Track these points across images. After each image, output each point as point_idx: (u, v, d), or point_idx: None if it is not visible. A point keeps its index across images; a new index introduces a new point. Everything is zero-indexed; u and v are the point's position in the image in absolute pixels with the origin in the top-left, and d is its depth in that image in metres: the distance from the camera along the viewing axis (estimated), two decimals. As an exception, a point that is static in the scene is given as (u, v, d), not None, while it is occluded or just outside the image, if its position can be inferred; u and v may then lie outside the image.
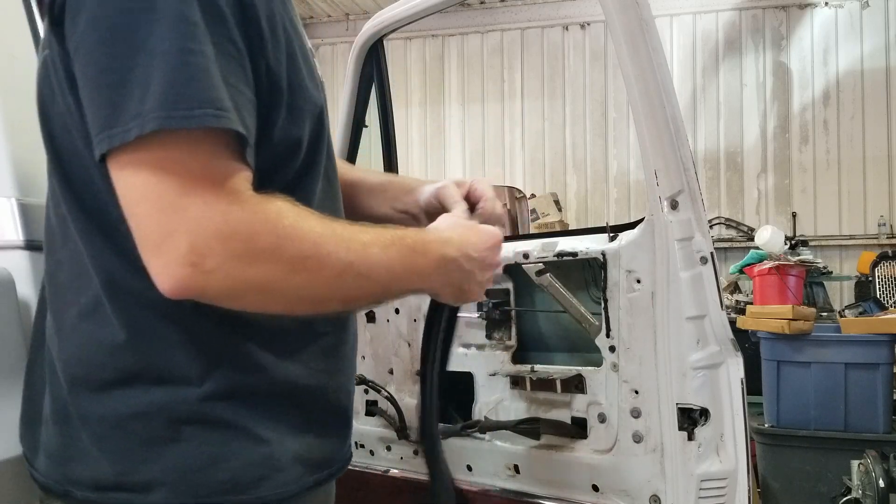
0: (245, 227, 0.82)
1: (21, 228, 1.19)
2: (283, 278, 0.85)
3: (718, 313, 1.66)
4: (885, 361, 3.54)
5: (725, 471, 1.66)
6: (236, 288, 0.84)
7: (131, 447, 0.92)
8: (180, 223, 0.80)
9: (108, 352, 0.92)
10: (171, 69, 0.79)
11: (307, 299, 0.90)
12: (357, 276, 0.91)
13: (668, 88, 1.63)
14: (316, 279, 0.88)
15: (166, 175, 0.80)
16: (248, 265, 0.83)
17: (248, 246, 0.82)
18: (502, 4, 7.80)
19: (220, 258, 0.81)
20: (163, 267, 0.81)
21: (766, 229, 5.42)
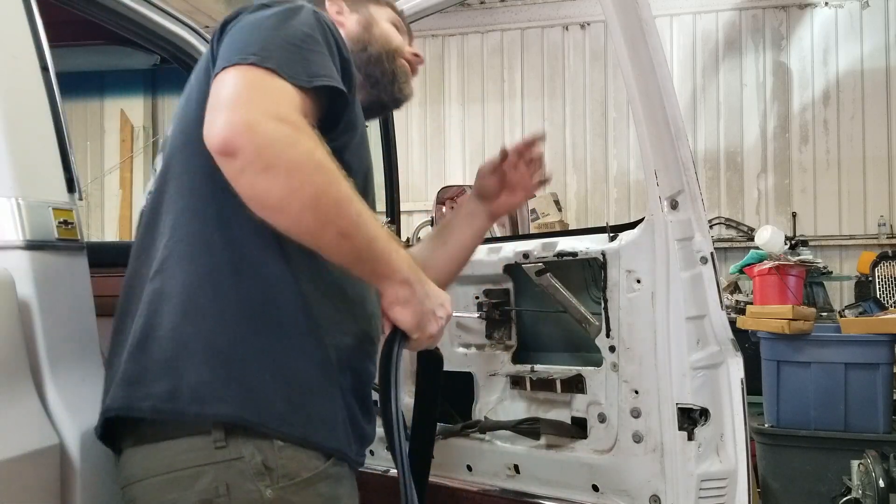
0: (297, 129, 1.02)
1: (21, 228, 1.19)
2: (309, 170, 1.02)
3: (718, 313, 1.66)
4: (885, 361, 3.54)
5: (725, 471, 1.66)
6: (272, 157, 1.00)
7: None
8: (250, 100, 1.02)
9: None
10: (289, 45, 1.10)
11: (318, 204, 1.03)
12: (359, 213, 1.06)
13: (668, 88, 1.63)
14: (331, 188, 1.03)
15: (264, 84, 1.05)
16: (288, 147, 1.01)
17: (294, 137, 1.02)
18: (502, 4, 7.80)
19: (270, 131, 1.00)
20: (226, 116, 1.01)
21: (766, 229, 5.42)
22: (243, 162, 0.99)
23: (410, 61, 1.58)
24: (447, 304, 1.21)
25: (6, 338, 1.12)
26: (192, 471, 1.08)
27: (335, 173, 1.04)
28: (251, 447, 1.08)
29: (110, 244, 4.58)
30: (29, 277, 1.18)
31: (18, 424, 1.11)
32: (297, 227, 1.05)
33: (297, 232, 1.06)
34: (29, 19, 1.32)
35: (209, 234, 1.13)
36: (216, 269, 1.12)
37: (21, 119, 1.25)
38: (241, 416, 1.08)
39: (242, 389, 1.09)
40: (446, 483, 2.09)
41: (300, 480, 1.10)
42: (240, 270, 1.12)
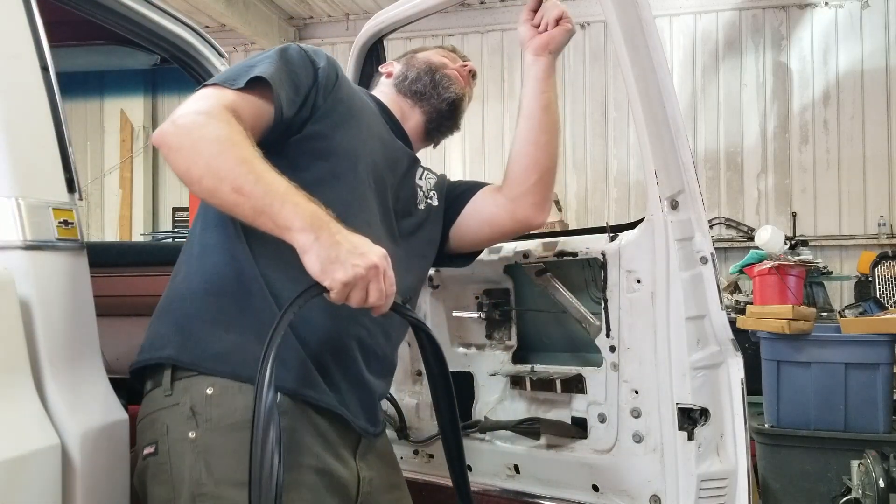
0: (210, 116, 1.26)
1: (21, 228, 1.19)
2: (203, 147, 1.23)
3: (718, 313, 1.66)
4: (885, 361, 3.53)
5: (725, 471, 1.66)
6: (178, 142, 1.24)
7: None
8: (190, 105, 1.29)
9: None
10: (243, 66, 1.39)
11: (211, 170, 1.21)
12: (250, 171, 1.21)
13: (668, 88, 1.63)
14: (222, 156, 1.22)
15: (204, 94, 1.33)
16: (191, 131, 1.25)
17: (197, 120, 1.26)
18: (502, 4, 7.80)
19: (182, 123, 1.26)
20: (166, 120, 1.28)
21: (766, 229, 5.42)
22: (165, 149, 1.25)
23: (457, 70, 1.83)
24: (371, 254, 1.21)
25: (6, 338, 1.12)
26: (153, 415, 1.32)
27: (233, 141, 1.23)
28: (187, 395, 1.30)
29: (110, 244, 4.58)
30: (29, 277, 1.18)
31: (18, 424, 1.11)
32: (201, 191, 1.24)
33: (205, 196, 1.25)
34: (29, 19, 1.32)
35: (194, 231, 1.45)
36: (189, 254, 1.42)
37: (21, 119, 1.25)
38: (178, 357, 1.32)
39: (184, 336, 1.33)
40: (446, 483, 2.09)
41: (223, 426, 1.27)
42: (204, 254, 1.39)
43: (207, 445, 1.26)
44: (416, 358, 2.15)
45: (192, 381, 1.30)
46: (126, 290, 2.15)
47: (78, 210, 1.31)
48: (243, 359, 1.28)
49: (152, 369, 1.36)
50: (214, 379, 1.30)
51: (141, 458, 1.31)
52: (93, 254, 1.34)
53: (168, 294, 1.42)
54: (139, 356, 1.38)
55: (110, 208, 8.38)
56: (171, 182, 8.51)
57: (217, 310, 1.34)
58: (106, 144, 8.48)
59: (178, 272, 1.43)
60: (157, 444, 1.29)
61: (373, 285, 1.21)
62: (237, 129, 1.26)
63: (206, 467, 1.25)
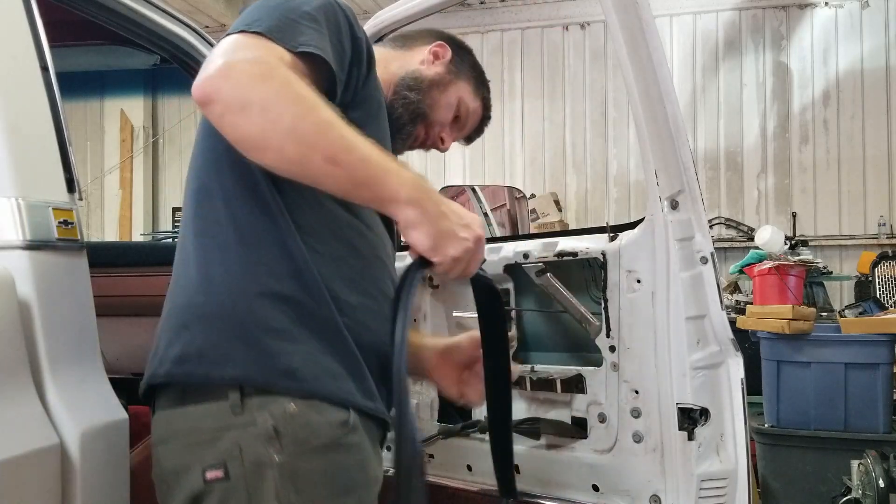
0: (273, 66, 1.05)
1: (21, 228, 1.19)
2: (283, 104, 1.03)
3: (718, 313, 1.66)
4: (885, 361, 3.54)
5: (725, 471, 1.66)
6: (244, 97, 1.03)
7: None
8: (231, 52, 1.06)
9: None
10: (285, 18, 1.13)
11: (296, 134, 1.04)
12: (342, 137, 1.05)
13: (668, 88, 1.63)
14: (307, 118, 1.04)
15: (250, 42, 1.08)
16: (260, 83, 1.03)
17: (267, 73, 1.04)
18: (502, 4, 7.80)
19: (242, 73, 1.04)
20: (204, 69, 1.04)
21: (766, 229, 5.42)
22: (222, 106, 1.04)
23: (431, 138, 1.56)
24: (474, 224, 1.15)
25: (6, 338, 1.12)
26: (212, 433, 1.12)
27: (314, 101, 1.05)
28: (265, 413, 1.11)
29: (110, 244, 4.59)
30: (29, 277, 1.18)
31: (18, 424, 1.11)
32: (282, 160, 1.06)
33: (285, 166, 1.08)
34: (29, 19, 1.32)
35: (217, 212, 1.18)
36: (222, 242, 1.17)
37: (21, 119, 1.25)
38: (250, 376, 1.12)
39: (250, 349, 1.13)
40: (446, 483, 2.09)
41: (309, 448, 1.12)
42: (246, 244, 1.16)
43: (296, 469, 1.11)
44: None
45: (267, 399, 1.12)
46: (126, 290, 2.15)
47: (78, 210, 1.31)
48: (316, 374, 1.14)
49: (202, 382, 1.15)
50: (291, 397, 1.13)
51: (201, 480, 1.11)
52: (93, 254, 1.34)
53: (203, 291, 1.17)
54: (181, 367, 1.15)
55: (110, 208, 8.38)
56: (171, 182, 8.51)
57: (280, 317, 1.15)
58: (106, 144, 8.48)
59: (209, 262, 1.17)
60: (227, 466, 1.11)
61: (476, 257, 1.16)
62: (306, 86, 1.06)
63: (296, 492, 1.11)
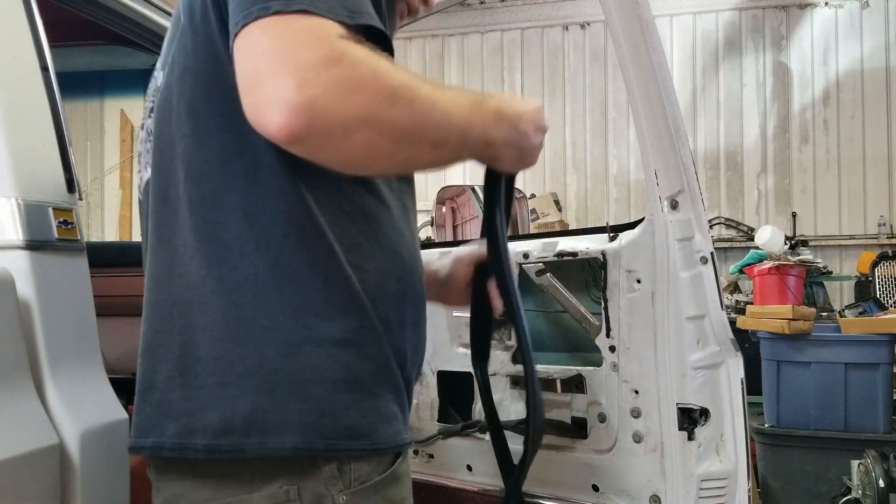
0: (349, 57, 0.84)
1: (21, 228, 1.19)
2: (385, 108, 0.86)
3: (718, 313, 1.66)
4: (885, 361, 3.54)
5: (725, 471, 1.66)
6: (344, 117, 0.83)
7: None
8: (289, 59, 0.82)
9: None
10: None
11: (406, 133, 0.89)
12: (444, 113, 0.93)
13: (668, 88, 1.63)
14: (411, 109, 0.88)
15: (296, 31, 0.84)
16: (354, 92, 0.83)
17: (352, 73, 0.83)
18: (502, 4, 7.80)
19: (326, 84, 0.81)
20: (270, 97, 0.81)
21: (766, 229, 5.43)
22: (317, 141, 0.85)
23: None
24: (540, 120, 1.11)
25: (6, 338, 1.12)
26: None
27: (409, 86, 0.89)
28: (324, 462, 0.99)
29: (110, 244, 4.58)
30: (29, 277, 1.18)
31: (18, 424, 1.11)
32: (393, 166, 0.98)
33: (396, 169, 1.02)
34: (29, 19, 1.32)
35: (231, 231, 0.97)
36: (253, 277, 0.97)
37: (21, 119, 1.25)
38: (308, 444, 0.96)
39: (304, 411, 0.96)
40: (446, 483, 2.09)
41: (370, 484, 1.00)
42: (282, 275, 0.97)
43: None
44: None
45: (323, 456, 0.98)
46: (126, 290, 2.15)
47: (78, 210, 1.31)
48: (372, 426, 1.01)
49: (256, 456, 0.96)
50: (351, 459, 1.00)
51: None
52: (93, 254, 1.34)
53: (235, 339, 0.96)
54: (215, 438, 0.95)
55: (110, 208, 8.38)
56: (171, 182, 8.50)
57: (333, 366, 0.98)
58: (106, 144, 8.48)
59: (237, 303, 0.97)
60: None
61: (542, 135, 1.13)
62: (382, 59, 0.88)
63: None
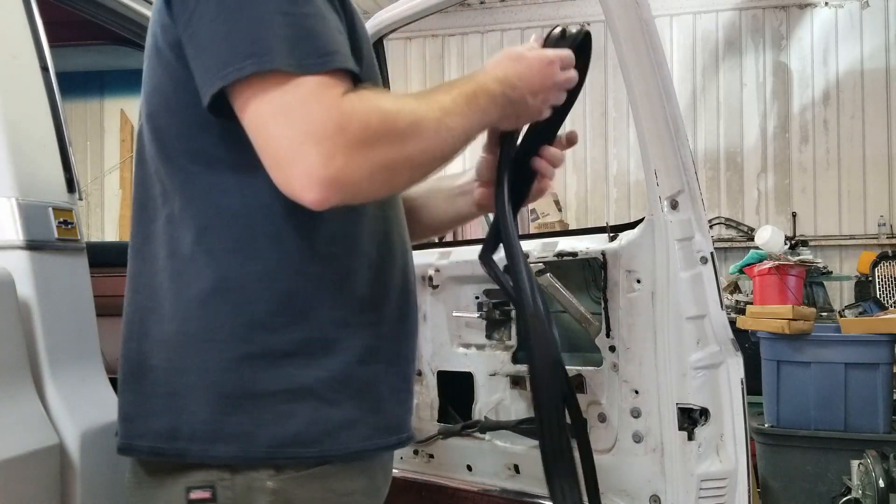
0: (358, 116, 0.94)
1: (21, 228, 1.19)
2: (400, 149, 0.98)
3: (718, 313, 1.66)
4: (885, 361, 3.54)
5: (725, 471, 1.66)
6: (366, 173, 0.95)
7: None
8: (307, 135, 0.91)
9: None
10: (287, 25, 0.94)
11: (421, 161, 1.03)
12: (448, 129, 1.04)
13: (668, 88, 1.63)
14: (422, 140, 1.01)
15: (291, 95, 0.92)
16: (370, 148, 0.94)
17: (364, 132, 0.94)
18: (502, 4, 7.80)
19: (345, 151, 0.92)
20: (300, 174, 0.91)
21: (766, 229, 5.43)
22: (349, 199, 0.98)
23: None
24: (536, 78, 1.18)
25: (6, 338, 1.12)
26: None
27: (412, 118, 0.99)
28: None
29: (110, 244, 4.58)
30: (29, 277, 1.18)
31: (18, 424, 1.11)
32: (410, 185, 1.11)
33: (409, 186, 1.12)
34: (29, 19, 1.32)
35: (191, 249, 1.02)
36: (201, 291, 1.01)
37: (21, 119, 1.25)
38: (247, 454, 1.00)
39: (245, 423, 1.00)
40: (446, 483, 2.10)
41: (306, 473, 1.01)
42: (227, 289, 1.01)
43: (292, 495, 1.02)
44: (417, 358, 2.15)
45: (259, 474, 1.01)
46: (126, 290, 2.15)
47: (78, 210, 1.31)
48: (323, 435, 1.03)
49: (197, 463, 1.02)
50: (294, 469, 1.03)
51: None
52: (93, 254, 1.34)
53: (180, 352, 1.02)
54: (160, 441, 1.02)
55: (110, 208, 8.37)
56: (171, 182, 8.50)
57: (278, 378, 1.03)
58: (106, 144, 8.48)
59: (185, 316, 1.02)
60: (215, 488, 1.01)
61: (553, 90, 1.21)
62: (383, 101, 0.99)
63: None
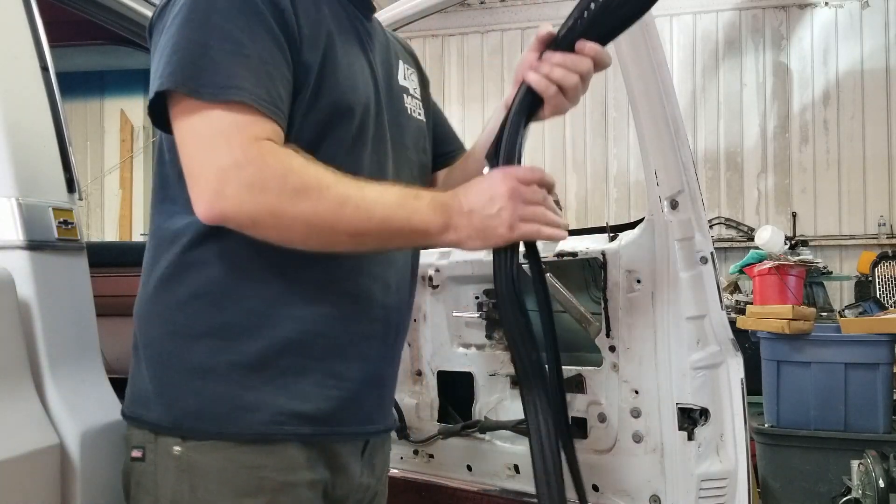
0: (257, 161, 1.00)
1: (21, 228, 1.19)
2: (290, 205, 1.00)
3: (718, 313, 1.66)
4: (885, 361, 3.54)
5: (725, 471, 1.66)
6: (251, 213, 1.01)
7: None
8: (211, 160, 1.00)
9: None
10: (222, 56, 1.03)
11: (315, 228, 1.03)
12: (356, 207, 1.03)
13: (668, 88, 1.63)
14: (318, 207, 1.01)
15: (206, 125, 1.02)
16: (260, 192, 0.99)
17: (259, 176, 0.99)
18: (502, 4, 7.80)
19: (237, 186, 0.99)
20: (198, 193, 1.02)
21: (766, 229, 5.42)
22: (235, 225, 1.03)
23: None
24: (498, 190, 1.08)
25: (6, 338, 1.12)
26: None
27: (314, 183, 1.01)
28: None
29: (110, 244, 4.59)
30: (29, 277, 1.18)
31: (18, 424, 1.11)
32: (311, 247, 1.07)
33: (317, 249, 1.07)
34: (29, 19, 1.32)
35: (152, 240, 1.19)
36: (160, 279, 1.15)
37: (21, 119, 1.25)
38: (158, 420, 1.13)
39: (163, 394, 1.13)
40: (446, 483, 2.10)
41: (208, 444, 1.10)
42: (169, 277, 1.15)
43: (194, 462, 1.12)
44: (416, 357, 2.15)
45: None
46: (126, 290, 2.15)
47: (78, 210, 1.31)
48: (227, 413, 1.13)
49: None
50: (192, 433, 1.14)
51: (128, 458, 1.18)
52: (93, 254, 1.34)
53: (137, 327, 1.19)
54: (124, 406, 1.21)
55: (110, 208, 8.38)
56: (171, 182, 8.50)
57: (189, 354, 1.14)
58: (106, 144, 8.48)
59: (139, 297, 1.20)
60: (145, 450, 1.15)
61: (528, 210, 1.08)
62: (295, 160, 1.02)
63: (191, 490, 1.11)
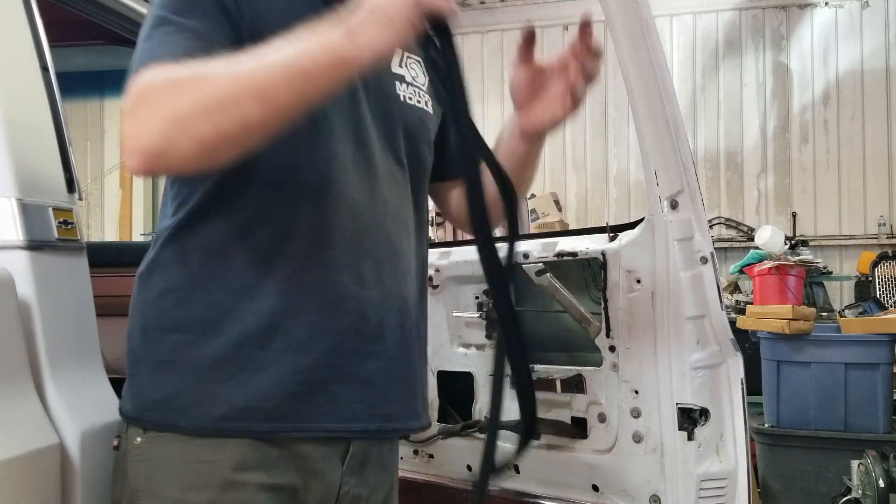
0: (143, 80, 0.97)
1: (21, 228, 1.19)
2: (186, 101, 0.94)
3: (718, 313, 1.66)
4: (885, 361, 3.54)
5: (725, 471, 1.66)
6: (159, 132, 0.94)
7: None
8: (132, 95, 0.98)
9: None
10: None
11: (212, 106, 0.94)
12: (250, 68, 0.95)
13: (668, 88, 1.63)
14: (202, 86, 0.95)
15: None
16: (152, 103, 0.95)
17: (146, 89, 0.97)
18: (502, 4, 7.81)
19: (133, 108, 0.96)
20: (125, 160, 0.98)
21: (766, 229, 5.43)
22: (161, 156, 0.96)
23: None
24: None
25: (6, 338, 1.12)
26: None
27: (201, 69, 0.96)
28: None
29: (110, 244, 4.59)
30: (29, 277, 1.18)
31: (18, 424, 1.11)
32: (229, 145, 0.96)
33: (237, 147, 0.97)
34: (29, 19, 1.32)
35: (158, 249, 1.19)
36: (139, 275, 1.20)
37: (21, 119, 1.25)
38: (126, 412, 1.16)
39: (133, 385, 1.16)
40: (446, 483, 2.10)
41: (164, 435, 1.10)
42: (149, 275, 1.18)
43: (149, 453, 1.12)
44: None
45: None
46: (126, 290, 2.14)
47: (78, 210, 1.31)
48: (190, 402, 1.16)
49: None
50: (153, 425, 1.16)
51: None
52: (93, 254, 1.34)
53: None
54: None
55: (110, 208, 8.38)
56: (171, 182, 8.50)
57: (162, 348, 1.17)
58: (106, 144, 8.49)
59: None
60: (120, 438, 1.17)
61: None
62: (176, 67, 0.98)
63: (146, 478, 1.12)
